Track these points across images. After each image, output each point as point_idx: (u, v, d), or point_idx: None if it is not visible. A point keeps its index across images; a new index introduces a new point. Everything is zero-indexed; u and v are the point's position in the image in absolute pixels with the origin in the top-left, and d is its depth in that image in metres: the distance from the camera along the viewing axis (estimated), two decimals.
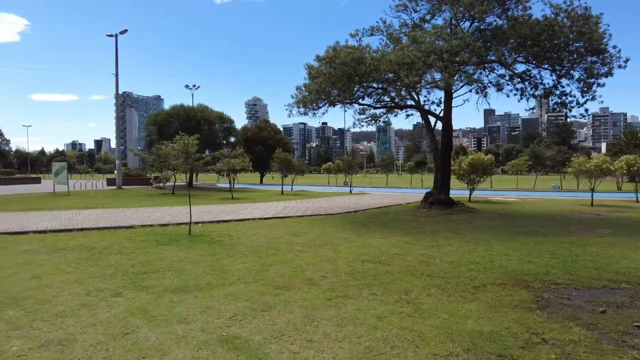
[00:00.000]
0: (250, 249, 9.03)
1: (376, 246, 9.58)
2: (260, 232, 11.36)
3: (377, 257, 8.43)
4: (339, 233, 11.41)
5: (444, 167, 17.27)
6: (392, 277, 6.92)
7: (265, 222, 13.49)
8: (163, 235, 10.62)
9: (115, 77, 30.96)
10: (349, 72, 13.15)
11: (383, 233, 11.50)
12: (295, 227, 12.34)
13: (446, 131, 17.32)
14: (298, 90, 16.17)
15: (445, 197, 16.97)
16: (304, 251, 8.93)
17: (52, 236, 10.31)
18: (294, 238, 10.53)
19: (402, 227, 12.70)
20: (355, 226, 12.78)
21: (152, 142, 32.22)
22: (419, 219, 14.65)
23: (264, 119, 55.28)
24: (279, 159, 27.86)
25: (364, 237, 10.78)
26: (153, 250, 8.77)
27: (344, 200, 23.25)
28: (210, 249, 9.02)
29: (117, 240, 9.88)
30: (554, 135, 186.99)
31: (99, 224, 12.27)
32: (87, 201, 20.91)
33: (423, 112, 17.28)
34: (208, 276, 6.79)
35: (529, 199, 26.03)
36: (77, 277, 6.55)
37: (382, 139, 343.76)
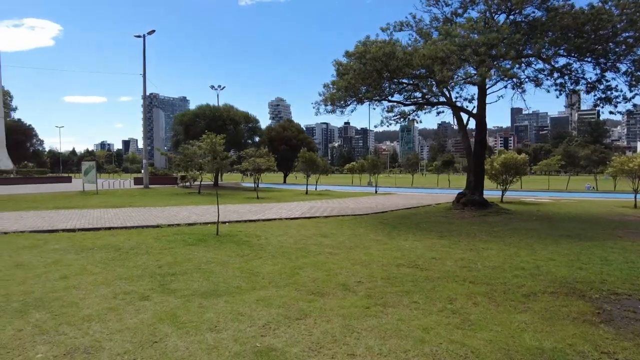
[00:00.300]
0: (280, 250, 8.71)
1: (411, 249, 9.10)
2: (288, 233, 11.04)
3: (414, 261, 7.96)
4: (370, 235, 10.97)
5: (477, 167, 16.56)
6: (433, 283, 6.46)
7: (292, 222, 13.17)
8: (190, 235, 10.43)
9: (143, 77, 31.47)
10: (380, 68, 12.67)
11: (416, 235, 11.00)
12: (324, 228, 11.98)
13: (479, 129, 16.60)
14: (326, 88, 15.79)
15: (479, 197, 16.27)
16: (335, 253, 8.54)
17: (81, 235, 10.27)
18: (323, 239, 10.16)
19: (435, 229, 12.15)
20: (385, 227, 12.31)
21: (179, 142, 32.50)
22: (452, 220, 14.04)
23: (288, 118, 55.24)
24: (303, 158, 27.56)
25: (396, 240, 10.31)
26: (180, 250, 8.56)
27: (371, 200, 22.75)
28: (238, 249, 8.75)
29: (144, 240, 9.73)
30: (586, 134, 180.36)
31: (126, 223, 12.22)
32: (115, 200, 21.13)
33: (455, 109, 16.62)
34: (238, 279, 6.49)
35: (563, 200, 24.89)
36: (104, 279, 6.36)
37: (406, 138, 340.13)
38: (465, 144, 17.37)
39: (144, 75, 31.42)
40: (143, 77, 31.44)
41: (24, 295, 5.51)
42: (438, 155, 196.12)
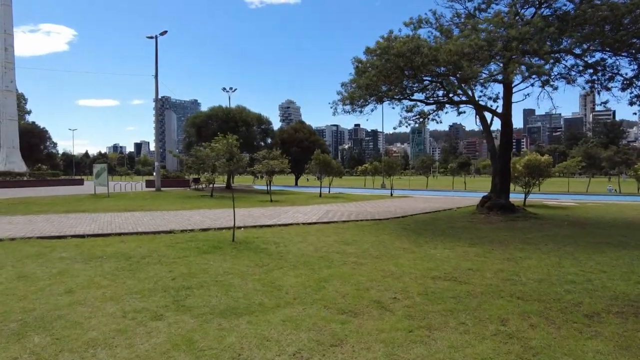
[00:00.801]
0: (301, 260, 8.07)
1: (443, 259, 8.39)
2: (307, 240, 10.40)
3: (449, 273, 7.25)
4: (395, 242, 10.27)
5: (503, 169, 15.74)
6: (477, 300, 5.75)
7: (310, 228, 12.53)
8: (205, 241, 9.85)
9: (155, 78, 31.08)
10: (403, 64, 11.99)
11: (445, 243, 10.27)
12: (345, 234, 11.31)
13: (505, 129, 15.78)
14: (344, 87, 15.14)
15: (505, 201, 15.44)
16: (361, 263, 7.87)
17: (90, 241, 9.75)
18: (345, 247, 9.49)
19: (463, 235, 11.40)
20: (410, 234, 11.59)
21: (191, 144, 32.14)
22: (478, 226, 13.26)
23: (300, 120, 54.69)
24: (318, 160, 26.93)
25: (424, 248, 9.59)
26: (195, 259, 7.96)
27: (388, 203, 22.01)
28: (257, 258, 8.12)
29: (157, 247, 9.17)
30: (601, 135, 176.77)
31: (137, 229, 11.69)
32: (126, 203, 20.72)
33: (479, 108, 15.83)
34: (259, 294, 5.85)
35: (589, 204, 23.88)
36: (113, 293, 5.77)
37: (417, 140, 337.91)
38: (489, 145, 16.55)
39: (156, 76, 31.12)
40: (155, 78, 31.13)
41: (24, 314, 4.94)
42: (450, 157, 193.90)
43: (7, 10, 42.16)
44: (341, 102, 15.07)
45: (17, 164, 44.30)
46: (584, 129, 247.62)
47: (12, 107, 44.49)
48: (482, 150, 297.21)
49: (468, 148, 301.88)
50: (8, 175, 39.50)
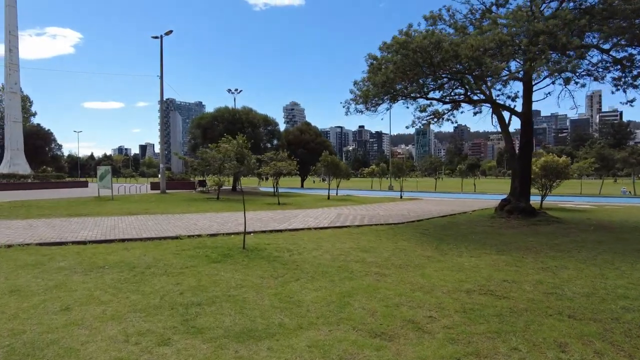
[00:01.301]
0: (318, 270, 7.42)
1: (472, 269, 7.71)
2: (322, 246, 9.74)
3: (484, 285, 6.58)
4: (416, 249, 9.60)
5: (523, 171, 15.02)
6: (523, 318, 5.09)
7: (323, 233, 11.88)
8: (213, 248, 9.22)
9: (160, 78, 30.65)
10: (423, 60, 11.33)
11: (470, 250, 9.58)
12: (361, 241, 10.65)
13: (525, 129, 15.07)
14: (356, 86, 14.49)
15: (526, 204, 14.72)
16: (385, 274, 7.21)
17: (91, 248, 9.14)
18: (364, 255, 8.83)
19: (487, 241, 10.71)
20: (430, 240, 10.91)
21: (196, 146, 31.58)
22: (501, 230, 12.56)
23: (306, 121, 54.08)
24: (326, 162, 26.29)
25: (449, 255, 8.92)
26: (204, 269, 7.33)
27: (400, 206, 21.32)
28: (270, 268, 7.49)
29: (163, 255, 8.55)
30: (608, 136, 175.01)
31: (142, 234, 11.09)
32: (131, 206, 20.16)
33: (497, 107, 15.12)
34: (278, 312, 5.21)
35: (607, 206, 23.08)
36: (114, 311, 5.15)
37: (422, 141, 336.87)
38: (508, 145, 15.85)
39: (161, 76, 30.71)
40: (160, 78, 30.68)
41: (12, 338, 4.32)
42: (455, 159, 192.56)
43: (11, 11, 41.88)
44: (354, 101, 14.42)
45: (22, 166, 43.94)
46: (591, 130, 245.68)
47: (16, 109, 44.16)
48: (487, 152, 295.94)
49: (473, 149, 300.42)
50: (12, 178, 39.12)
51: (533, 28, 10.32)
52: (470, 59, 10.80)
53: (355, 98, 14.50)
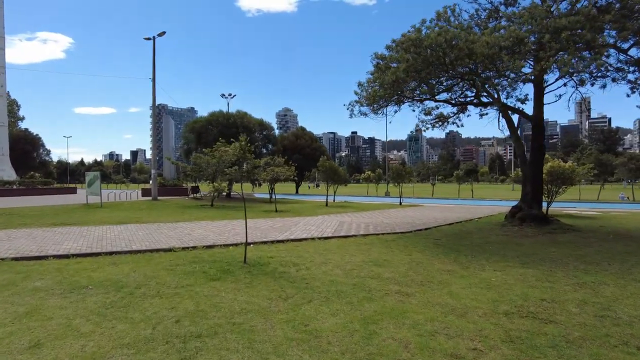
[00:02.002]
0: (332, 289, 6.57)
1: (502, 285, 6.91)
2: (330, 259, 8.90)
3: (522, 306, 5.79)
4: (434, 262, 8.79)
5: (535, 177, 14.33)
6: (585, 351, 4.30)
7: (328, 244, 11.04)
8: (211, 263, 8.33)
9: (153, 81, 29.64)
10: (436, 58, 10.60)
11: (491, 262, 8.80)
12: (371, 252, 9.82)
13: (537, 133, 14.42)
14: (361, 87, 13.73)
15: (538, 212, 14.03)
16: (408, 294, 6.39)
17: (75, 264, 8.19)
18: (379, 270, 8.00)
19: (507, 252, 9.94)
20: (445, 251, 10.12)
21: (190, 151, 30.58)
22: (517, 240, 11.81)
23: (301, 126, 53.31)
24: (324, 168, 25.47)
25: (472, 269, 8.12)
26: (202, 289, 6.45)
27: (402, 213, 20.54)
28: (277, 287, 6.62)
29: (154, 271, 7.64)
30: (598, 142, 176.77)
31: (132, 246, 10.16)
32: (121, 214, 19.14)
33: (508, 109, 14.45)
34: (294, 345, 4.36)
35: (612, 212, 22.52)
36: (96, 346, 4.25)
37: (414, 147, 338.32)
38: (519, 150, 15.17)
39: (154, 79, 29.71)
40: (152, 80, 29.68)
41: None
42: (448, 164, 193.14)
43: None
44: (359, 103, 13.66)
45: (7, 171, 42.53)
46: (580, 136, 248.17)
47: (1, 112, 42.83)
48: (479, 157, 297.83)
49: (465, 155, 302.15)
50: None
51: (554, 24, 9.65)
52: (485, 57, 10.10)
53: (360, 100, 13.75)
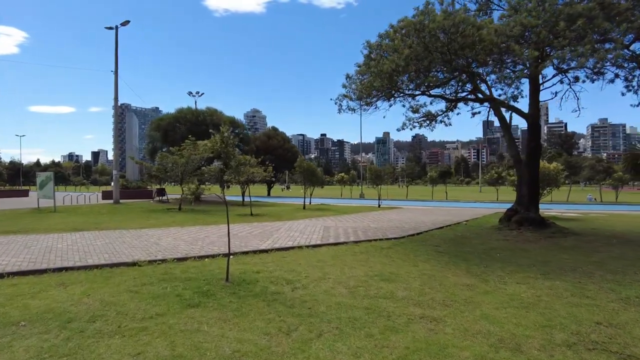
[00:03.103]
0: (342, 315, 5.29)
1: (538, 304, 5.84)
2: (328, 273, 7.61)
3: (580, 333, 4.72)
4: (446, 274, 7.66)
5: (532, 178, 13.58)
6: None
7: (320, 253, 9.74)
8: (186, 281, 6.85)
9: (115, 74, 27.20)
10: (441, 44, 9.53)
11: (507, 272, 7.77)
12: (371, 263, 8.60)
13: (533, 132, 13.69)
14: (349, 80, 12.54)
15: (536, 215, 13.28)
16: (435, 319, 5.20)
17: (8, 286, 6.49)
18: (389, 286, 6.78)
19: (518, 260, 8.96)
20: (452, 259, 9.03)
21: (155, 150, 28.46)
22: (520, 245, 10.92)
23: (273, 126, 51.65)
24: (301, 169, 24.14)
25: (492, 283, 7.04)
26: (178, 320, 5.00)
27: (386, 216, 19.50)
28: (273, 314, 5.26)
29: (115, 294, 6.10)
30: (556, 146, 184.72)
31: (87, 260, 8.49)
32: (77, 219, 17.09)
33: (504, 107, 13.64)
34: None
35: (592, 214, 22.42)
36: None
37: (382, 150, 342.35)
38: (512, 150, 14.41)
39: (116, 71, 27.23)
40: (115, 73, 27.27)
41: None
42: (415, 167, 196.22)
43: None
44: (347, 97, 12.45)
45: None
46: (540, 140, 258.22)
47: None
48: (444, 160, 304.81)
49: (431, 158, 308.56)
50: None
51: (569, 10, 8.81)
52: (494, 46, 9.14)
53: (348, 94, 12.55)
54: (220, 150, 6.39)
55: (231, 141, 6.54)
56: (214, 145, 6.49)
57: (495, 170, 48.28)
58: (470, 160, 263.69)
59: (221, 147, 6.39)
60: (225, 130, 6.46)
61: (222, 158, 6.50)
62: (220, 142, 6.38)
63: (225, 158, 6.50)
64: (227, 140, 6.45)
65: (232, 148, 6.68)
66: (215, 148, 6.49)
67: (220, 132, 6.48)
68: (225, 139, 6.43)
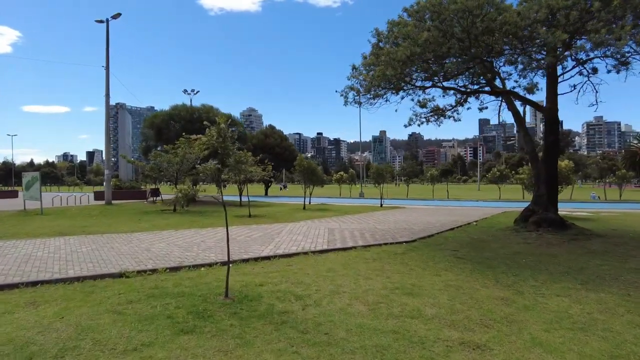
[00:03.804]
0: (367, 342, 4.39)
1: (595, 324, 4.96)
2: (341, 286, 6.70)
3: None
4: (475, 285, 6.77)
5: (550, 176, 12.73)
6: None
7: (328, 260, 8.83)
8: (179, 297, 5.92)
9: (106, 69, 26.10)
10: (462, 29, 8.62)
11: (542, 282, 6.88)
12: (388, 272, 7.69)
13: (551, 126, 12.83)
14: (356, 71, 11.63)
15: (555, 215, 12.43)
16: (479, 345, 4.30)
17: None
18: (413, 301, 5.88)
19: (549, 267, 8.08)
20: (475, 266, 8.14)
21: (149, 148, 27.39)
22: (544, 249, 10.04)
23: (270, 125, 50.68)
24: (301, 168, 23.21)
25: (529, 295, 6.15)
26: (168, 353, 4.08)
27: (391, 217, 18.61)
28: (284, 343, 4.35)
29: (94, 316, 5.17)
30: None
31: (67, 271, 7.54)
32: (64, 223, 16.09)
33: (520, 100, 12.78)
34: None
35: (603, 213, 21.62)
36: None
37: (378, 148, 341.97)
38: (528, 146, 13.55)
39: (107, 66, 26.09)
40: (106, 69, 26.14)
41: None
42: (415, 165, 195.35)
43: None
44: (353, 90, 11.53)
45: None
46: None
47: None
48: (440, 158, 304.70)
49: (427, 156, 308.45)
50: None
51: None
52: (519, 29, 8.26)
53: (354, 86, 11.64)
54: (217, 146, 5.48)
55: (229, 135, 5.62)
56: (209, 140, 5.58)
57: (498, 168, 47.47)
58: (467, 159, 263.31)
59: (218, 141, 5.47)
60: (222, 121, 5.54)
61: (219, 155, 5.57)
62: (217, 136, 5.47)
63: (222, 154, 5.58)
64: (225, 133, 5.53)
65: (231, 143, 5.75)
66: (211, 143, 5.57)
67: (216, 124, 5.55)
68: (222, 132, 5.51)
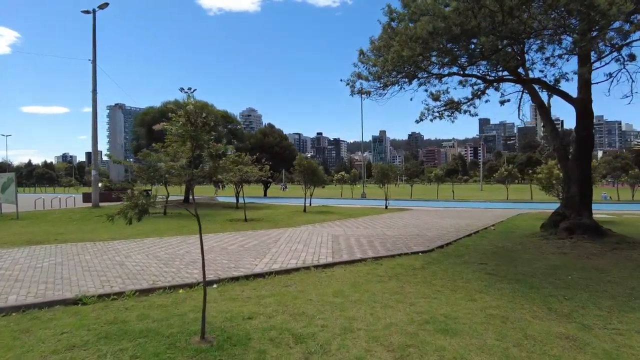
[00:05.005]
0: None
1: None
2: (354, 318, 5.21)
3: None
4: (525, 316, 5.28)
5: (583, 175, 11.26)
6: None
7: (334, 279, 7.34)
8: (139, 338, 4.45)
9: (93, 63, 24.51)
10: (492, 4, 7.12)
11: (606, 309, 5.40)
12: (411, 297, 6.19)
13: (583, 119, 11.36)
14: (364, 56, 10.16)
15: (590, 221, 10.95)
16: None
17: None
18: (452, 343, 4.40)
19: (603, 286, 6.59)
20: (514, 286, 6.64)
21: (140, 147, 25.87)
22: (585, 261, 8.54)
23: (269, 123, 49.24)
24: (301, 168, 21.72)
25: (600, 332, 4.68)
26: None
27: (399, 220, 17.11)
28: None
29: None
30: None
31: (8, 296, 6.05)
32: (38, 229, 14.60)
33: (551, 90, 11.31)
34: None
35: (625, 215, 20.16)
36: None
37: (378, 148, 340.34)
38: (556, 141, 12.05)
39: (94, 59, 24.41)
40: (93, 62, 24.49)
41: None
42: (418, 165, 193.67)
43: None
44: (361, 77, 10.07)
45: None
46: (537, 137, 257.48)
47: None
48: (440, 158, 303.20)
49: (427, 156, 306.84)
50: None
51: None
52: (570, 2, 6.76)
53: (361, 73, 10.19)
54: (187, 136, 4.03)
55: (201, 121, 4.10)
56: (176, 129, 4.12)
57: (505, 168, 45.99)
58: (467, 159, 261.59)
59: (188, 130, 4.01)
60: (190, 103, 4.06)
61: (192, 147, 4.11)
62: (186, 123, 4.00)
63: (195, 147, 4.12)
64: (196, 118, 4.04)
65: (206, 132, 4.25)
66: (178, 133, 4.12)
67: (182, 106, 4.07)
68: (192, 116, 4.03)
